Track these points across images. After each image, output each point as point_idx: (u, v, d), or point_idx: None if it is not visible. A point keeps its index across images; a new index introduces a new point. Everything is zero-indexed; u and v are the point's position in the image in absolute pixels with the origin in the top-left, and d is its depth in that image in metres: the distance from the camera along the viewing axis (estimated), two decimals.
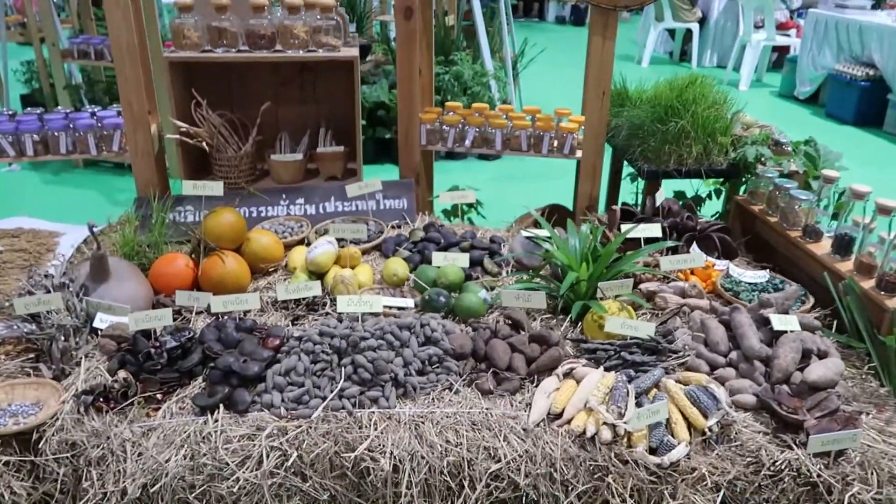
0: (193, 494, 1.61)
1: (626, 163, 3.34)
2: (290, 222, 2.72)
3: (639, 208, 2.88)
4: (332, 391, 1.77)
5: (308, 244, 2.61)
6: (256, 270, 2.42)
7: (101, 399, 1.73)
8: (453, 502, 1.66)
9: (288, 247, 2.56)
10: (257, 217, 2.78)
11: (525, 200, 3.26)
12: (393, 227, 2.79)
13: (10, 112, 2.97)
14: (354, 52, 2.73)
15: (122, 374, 1.77)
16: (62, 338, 1.94)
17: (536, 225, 3.11)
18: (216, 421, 1.69)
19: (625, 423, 1.67)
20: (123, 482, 1.61)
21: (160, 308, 2.20)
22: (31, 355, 1.96)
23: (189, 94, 2.79)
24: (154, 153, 2.86)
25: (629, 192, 3.53)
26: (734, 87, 8.48)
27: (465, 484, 1.66)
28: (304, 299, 2.21)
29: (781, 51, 9.49)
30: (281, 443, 1.64)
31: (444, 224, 2.81)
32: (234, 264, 2.29)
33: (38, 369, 1.92)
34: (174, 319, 2.04)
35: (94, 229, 2.14)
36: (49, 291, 2.03)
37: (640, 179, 3.52)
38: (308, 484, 1.65)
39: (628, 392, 1.78)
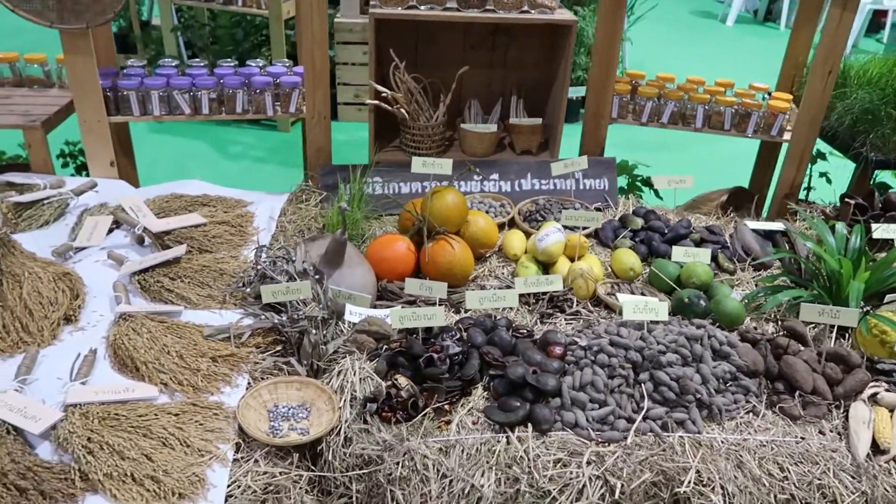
0: None
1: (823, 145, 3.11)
2: (489, 200, 2.52)
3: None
4: (632, 410, 1.61)
5: (511, 226, 2.43)
6: (474, 255, 2.24)
7: (387, 408, 1.58)
8: None
9: None
10: None
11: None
12: (596, 210, 2.59)
13: (174, 64, 2.76)
14: (569, 14, 2.48)
15: (402, 380, 1.61)
16: (313, 330, 1.78)
17: (725, 210, 2.89)
18: (519, 440, 1.53)
19: None
20: None
21: (388, 296, 2.04)
22: (279, 348, 1.80)
23: (383, 57, 2.55)
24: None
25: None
26: None
27: None
28: (543, 294, 2.03)
29: (878, 14, 8.97)
30: (602, 471, 1.49)
31: (654, 209, 2.59)
32: (461, 250, 2.11)
33: (290, 364, 1.77)
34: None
35: (343, 209, 1.96)
36: (293, 278, 1.86)
37: (814, 163, 3.30)
38: None
39: None
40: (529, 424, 1.56)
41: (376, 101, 2.48)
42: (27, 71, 2.86)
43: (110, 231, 2.22)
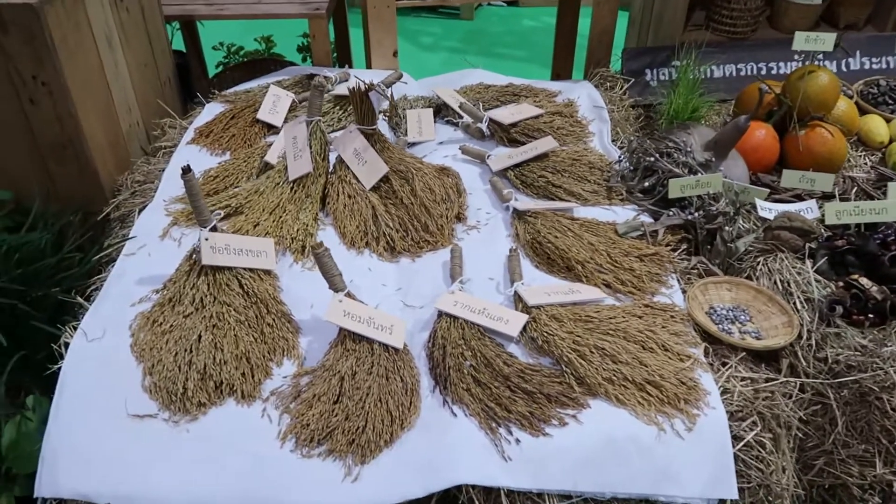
0: None
1: None
2: None
3: None
4: None
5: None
6: None
7: (856, 311, 1.44)
8: None
9: None
10: (756, 75, 2.33)
11: None
12: None
13: None
14: None
15: (865, 281, 1.46)
16: (726, 227, 1.64)
17: None
18: None
19: None
20: None
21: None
22: (684, 246, 1.67)
23: None
24: None
25: None
26: None
27: None
28: None
29: None
30: None
31: None
32: (838, 137, 1.90)
33: (703, 263, 1.64)
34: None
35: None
36: (692, 171, 1.70)
37: None
38: None
39: None
40: None
41: None
42: None
43: None
